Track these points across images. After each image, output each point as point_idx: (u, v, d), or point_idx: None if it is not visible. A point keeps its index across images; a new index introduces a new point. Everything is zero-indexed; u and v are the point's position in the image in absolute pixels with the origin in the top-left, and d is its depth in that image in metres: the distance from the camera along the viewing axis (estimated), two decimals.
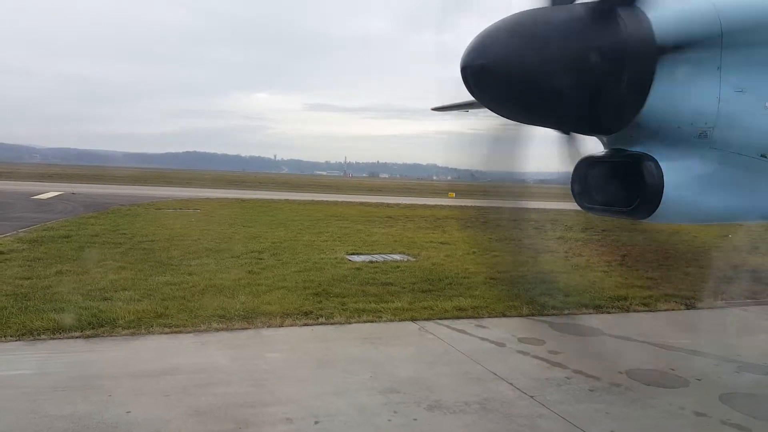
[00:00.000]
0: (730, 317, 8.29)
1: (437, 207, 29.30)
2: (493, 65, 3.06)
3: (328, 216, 21.74)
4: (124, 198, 26.96)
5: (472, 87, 3.25)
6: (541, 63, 3.01)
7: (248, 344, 6.06)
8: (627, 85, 3.03)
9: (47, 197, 25.51)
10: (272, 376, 5.13)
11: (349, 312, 7.24)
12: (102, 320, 6.33)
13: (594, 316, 7.89)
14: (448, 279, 9.59)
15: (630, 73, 3.01)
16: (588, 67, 3.00)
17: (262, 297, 7.78)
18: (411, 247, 13.49)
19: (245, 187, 46.64)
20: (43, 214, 17.78)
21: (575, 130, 3.58)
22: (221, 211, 22.47)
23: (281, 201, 30.16)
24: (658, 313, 8.19)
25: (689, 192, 3.24)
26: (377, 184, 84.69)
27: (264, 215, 21.11)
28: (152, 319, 6.49)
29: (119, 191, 32.88)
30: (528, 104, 3.27)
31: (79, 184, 39.18)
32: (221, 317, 6.73)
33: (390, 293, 8.39)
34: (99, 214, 18.57)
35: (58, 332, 5.94)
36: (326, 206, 27.61)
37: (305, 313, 7.09)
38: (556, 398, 4.83)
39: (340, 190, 49.91)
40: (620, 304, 8.34)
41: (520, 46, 3.03)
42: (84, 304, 6.95)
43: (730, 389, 5.17)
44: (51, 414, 4.14)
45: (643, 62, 3.00)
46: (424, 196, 42.91)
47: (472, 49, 3.12)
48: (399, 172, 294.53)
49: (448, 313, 7.45)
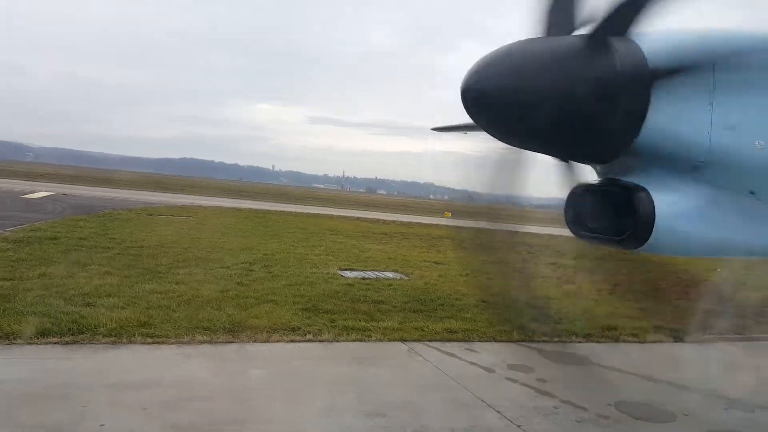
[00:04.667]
0: (718, 352, 8.25)
1: (433, 226, 29.27)
2: (492, 90, 3.14)
3: (323, 229, 21.65)
4: (117, 202, 26.73)
5: (471, 110, 3.31)
6: (537, 90, 3.08)
7: (232, 359, 5.92)
8: (620, 115, 3.08)
9: (37, 197, 25.24)
10: (255, 393, 4.99)
11: (338, 329, 7.12)
12: (83, 327, 6.15)
13: (584, 344, 7.82)
14: (440, 300, 9.51)
15: (623, 103, 3.06)
16: (581, 96, 3.06)
17: (250, 310, 7.65)
18: (404, 266, 13.41)
19: (241, 197, 46.47)
20: (32, 214, 17.54)
21: (569, 157, 3.62)
22: (215, 219, 22.31)
23: (277, 212, 30.03)
24: (647, 345, 8.15)
25: (681, 224, 3.26)
26: (374, 200, 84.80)
27: (258, 226, 20.98)
28: (135, 328, 6.32)
29: (112, 195, 32.61)
30: (523, 130, 3.33)
31: (72, 185, 38.86)
32: (206, 329, 6.58)
33: (381, 312, 8.29)
34: (89, 216, 18.34)
35: (36, 337, 5.76)
36: (322, 219, 27.54)
37: (293, 329, 6.96)
38: (543, 428, 4.74)
39: (337, 204, 49.87)
40: (610, 334, 8.28)
41: (518, 73, 3.10)
42: (65, 309, 6.77)
43: (717, 426, 5.10)
44: (22, 422, 3.99)
45: (637, 92, 3.05)
46: (421, 215, 42.91)
47: (472, 74, 3.19)
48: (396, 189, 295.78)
49: (439, 335, 7.35)
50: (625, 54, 3.05)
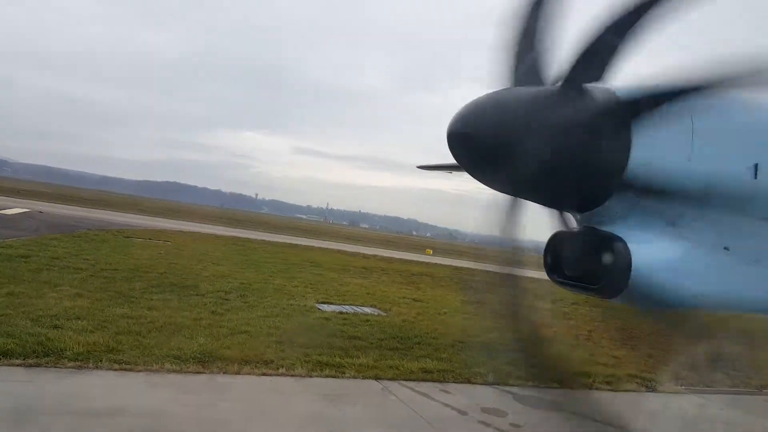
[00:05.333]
0: (690, 404, 8.32)
1: (413, 262, 29.31)
2: (477, 135, 3.22)
3: (303, 261, 21.47)
4: (93, 222, 26.18)
5: (456, 153, 3.38)
6: (520, 138, 3.13)
7: (201, 390, 5.75)
8: (601, 159, 3.10)
9: (12, 213, 24.58)
10: (223, 428, 4.85)
11: (312, 364, 7.01)
12: (48, 349, 5.95)
13: (557, 390, 7.81)
14: (417, 338, 9.45)
15: (604, 147, 3.09)
16: (563, 141, 3.12)
17: (222, 340, 7.50)
18: (383, 301, 13.33)
19: (223, 224, 45.97)
20: (5, 230, 17.05)
21: (550, 203, 3.67)
22: (193, 245, 21.96)
23: (257, 241, 29.73)
24: (620, 394, 8.18)
25: (656, 277, 3.24)
26: (356, 233, 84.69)
27: (237, 254, 20.71)
28: (102, 353, 6.14)
29: (89, 214, 31.94)
30: (505, 176, 3.36)
31: (49, 202, 38.00)
32: (176, 358, 6.41)
33: (356, 348, 8.19)
34: (63, 236, 17.90)
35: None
36: (302, 251, 27.32)
37: (265, 362, 6.83)
38: None
39: (319, 236, 49.64)
40: (584, 381, 8.30)
41: (503, 119, 3.18)
42: (31, 329, 6.55)
43: None
44: None
45: (616, 137, 3.08)
46: (402, 250, 42.96)
47: (459, 118, 3.27)
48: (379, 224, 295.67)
49: (414, 375, 7.28)
50: (602, 98, 3.11)
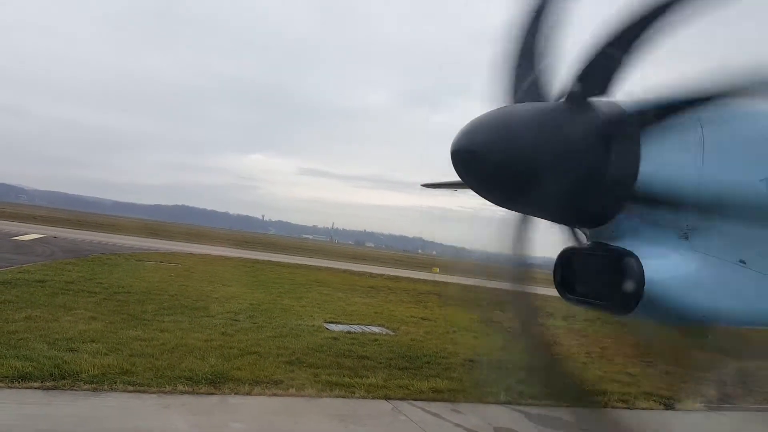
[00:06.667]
0: (708, 421, 8.17)
1: (420, 281, 29.17)
2: (482, 152, 3.18)
3: (310, 281, 21.54)
4: (107, 246, 26.56)
5: (461, 171, 3.34)
6: (525, 155, 3.11)
7: (213, 411, 5.81)
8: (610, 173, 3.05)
9: (28, 239, 25.04)
10: None
11: (322, 384, 7.04)
12: (64, 372, 6.07)
13: (570, 408, 7.71)
14: (427, 357, 9.43)
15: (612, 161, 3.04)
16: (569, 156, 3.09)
17: (233, 361, 7.56)
18: (391, 321, 13.32)
19: (231, 245, 46.26)
20: (21, 256, 17.39)
21: (558, 219, 3.65)
22: (203, 267, 22.16)
23: (264, 261, 29.88)
24: (636, 412, 8.06)
25: (670, 292, 3.13)
26: (362, 253, 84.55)
27: (245, 275, 20.85)
28: (117, 375, 6.24)
29: (102, 239, 32.40)
30: (511, 193, 3.34)
31: (63, 228, 38.62)
32: (188, 379, 6.49)
33: (365, 367, 8.20)
34: (78, 260, 18.21)
35: (17, 381, 5.67)
36: (309, 271, 27.40)
37: (275, 382, 6.87)
38: None
39: (325, 256, 49.70)
40: (598, 399, 8.17)
41: (508, 135, 3.15)
42: (48, 353, 6.68)
43: None
44: None
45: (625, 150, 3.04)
46: (409, 269, 42.78)
47: (463, 135, 3.25)
48: (385, 243, 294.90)
49: (424, 394, 7.26)
50: (607, 113, 3.07)
